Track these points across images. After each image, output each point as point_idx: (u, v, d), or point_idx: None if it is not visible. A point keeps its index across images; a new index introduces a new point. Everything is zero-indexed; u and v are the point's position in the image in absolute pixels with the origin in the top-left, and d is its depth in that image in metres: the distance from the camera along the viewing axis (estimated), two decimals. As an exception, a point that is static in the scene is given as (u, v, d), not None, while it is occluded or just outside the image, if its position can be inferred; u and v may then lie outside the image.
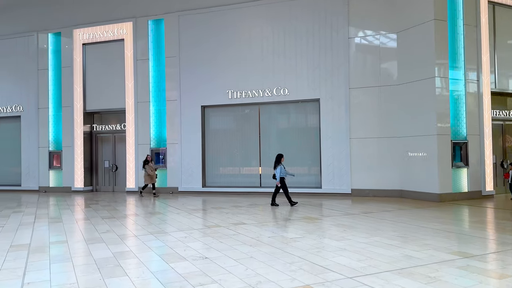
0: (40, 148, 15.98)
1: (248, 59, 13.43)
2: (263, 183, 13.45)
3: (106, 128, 15.83)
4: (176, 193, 14.14)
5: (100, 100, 15.48)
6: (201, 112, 14.05)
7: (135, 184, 14.75)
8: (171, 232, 7.09)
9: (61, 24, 15.77)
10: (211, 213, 9.29)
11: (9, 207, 11.04)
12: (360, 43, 12.51)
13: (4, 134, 16.82)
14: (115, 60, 15.14)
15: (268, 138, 13.52)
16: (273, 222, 7.88)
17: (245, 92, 13.42)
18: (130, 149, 14.88)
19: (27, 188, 16.03)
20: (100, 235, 6.88)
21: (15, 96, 16.36)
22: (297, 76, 12.86)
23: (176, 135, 14.29)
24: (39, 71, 15.98)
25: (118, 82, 15.07)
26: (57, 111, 15.85)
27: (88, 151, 15.82)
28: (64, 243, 6.34)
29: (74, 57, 15.50)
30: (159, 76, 14.58)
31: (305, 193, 12.65)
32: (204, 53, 13.96)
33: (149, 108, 14.65)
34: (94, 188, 15.94)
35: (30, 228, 7.72)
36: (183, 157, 14.14)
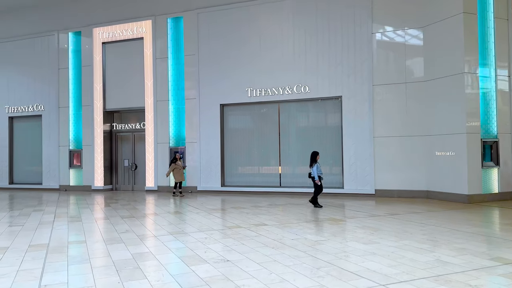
0: (61, 147, 16.10)
1: (268, 56, 13.18)
2: (283, 182, 13.18)
3: (126, 127, 15.83)
4: (195, 192, 14.00)
5: (120, 99, 15.49)
6: (220, 111, 13.87)
7: (154, 183, 14.69)
8: (191, 232, 6.91)
9: (81, 23, 15.84)
10: (231, 213, 9.08)
11: (29, 206, 11.08)
12: (384, 38, 12.10)
13: (25, 133, 17.03)
14: (134, 59, 15.12)
15: (288, 137, 13.23)
16: (296, 224, 7.60)
17: (264, 90, 13.17)
18: (150, 148, 14.83)
19: (48, 187, 16.18)
20: (119, 235, 6.75)
21: (36, 95, 16.53)
22: (318, 73, 12.53)
23: (195, 134, 14.16)
24: (60, 70, 16.11)
25: (138, 81, 15.04)
26: (78, 110, 15.94)
27: (108, 150, 15.86)
28: (82, 243, 6.22)
29: (94, 56, 15.55)
30: (178, 74, 14.48)
31: (326, 193, 12.27)
32: (223, 50, 13.78)
33: (168, 107, 14.56)
34: (114, 187, 15.97)
35: (50, 227, 7.66)
36: (202, 156, 14.00)
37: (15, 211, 10.01)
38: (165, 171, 14.47)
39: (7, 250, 5.72)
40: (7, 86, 17.02)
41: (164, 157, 14.55)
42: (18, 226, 7.72)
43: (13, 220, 8.52)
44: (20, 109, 16.77)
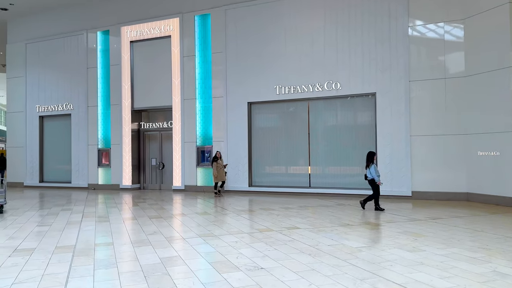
0: (90, 145, 16.20)
1: (297, 52, 12.74)
2: (313, 183, 12.71)
3: (153, 126, 15.75)
4: (222, 192, 13.73)
5: (147, 97, 15.42)
6: (248, 109, 13.54)
7: (181, 183, 14.53)
8: (221, 235, 6.59)
9: (109, 22, 15.88)
10: (261, 215, 8.72)
11: (58, 205, 11.09)
12: (421, 32, 11.43)
13: (55, 132, 17.24)
14: (162, 57, 15.02)
15: (318, 135, 12.75)
16: (330, 228, 7.16)
17: (293, 87, 12.74)
18: (177, 147, 14.68)
19: (77, 185, 16.32)
20: (147, 237, 6.51)
21: (65, 94, 16.71)
22: (350, 69, 12.00)
23: (222, 133, 13.89)
24: (89, 69, 16.21)
25: (165, 79, 14.92)
26: (106, 109, 15.99)
27: (136, 149, 15.83)
28: (110, 245, 6.01)
29: (122, 55, 15.55)
30: (205, 72, 14.25)
31: (359, 194, 11.77)
32: (251, 47, 13.44)
33: (195, 106, 14.36)
34: (141, 186, 15.94)
35: (77, 227, 7.53)
36: (229, 155, 13.71)
37: (44, 210, 10.01)
38: (192, 170, 14.30)
39: (33, 251, 5.56)
40: (38, 85, 17.29)
41: (191, 156, 14.36)
42: (46, 226, 7.63)
43: (42, 220, 8.46)
44: (50, 108, 16.99)
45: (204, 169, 14.22)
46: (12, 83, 18.01)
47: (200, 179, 14.32)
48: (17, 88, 17.75)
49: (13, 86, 17.95)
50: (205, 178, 14.22)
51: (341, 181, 12.36)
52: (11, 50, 17.98)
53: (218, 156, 12.67)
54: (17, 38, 17.79)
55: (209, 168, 14.10)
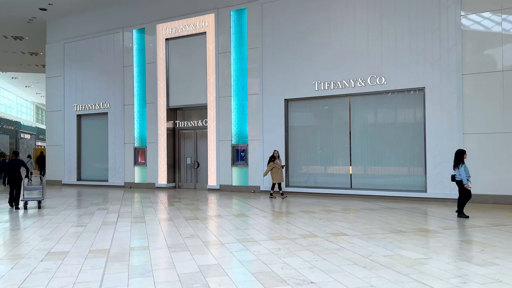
0: (126, 144, 16.19)
1: (338, 46, 12.07)
2: (354, 184, 12.00)
3: (188, 124, 15.52)
4: (258, 192, 13.28)
5: (183, 96, 15.20)
6: (285, 106, 13.00)
7: (216, 182, 14.20)
8: (261, 240, 6.11)
9: (145, 20, 15.79)
10: (301, 218, 8.17)
11: (95, 204, 11.00)
12: (476, 20, 10.48)
13: (92, 131, 17.39)
14: (197, 55, 14.75)
15: (360, 133, 12.02)
16: (381, 235, 6.52)
17: (333, 83, 12.08)
18: (212, 145, 14.36)
19: (113, 184, 16.36)
20: (184, 241, 6.13)
21: (102, 93, 16.79)
22: (396, 62, 11.20)
23: (258, 131, 13.43)
24: (125, 68, 16.20)
25: (200, 77, 14.64)
26: (142, 108, 15.92)
27: (171, 147, 15.67)
28: (145, 249, 5.66)
29: (157, 53, 15.41)
30: (241, 69, 13.83)
31: (405, 197, 11.00)
32: (288, 42, 12.89)
33: (231, 103, 13.98)
34: (176, 185, 15.76)
35: (112, 228, 7.27)
36: (265, 154, 13.21)
37: (80, 209, 9.91)
38: (227, 170, 13.94)
39: (66, 255, 5.29)
40: (75, 84, 17.49)
41: (226, 155, 13.99)
42: (81, 227, 7.43)
43: (77, 220, 8.30)
44: (88, 107, 17.14)
45: (240, 169, 13.82)
46: (51, 82, 18.34)
47: (236, 178, 13.93)
48: (56, 87, 18.05)
49: (52, 85, 18.28)
50: (240, 177, 13.82)
51: (385, 183, 11.58)
52: (50, 49, 18.31)
53: (276, 156, 11.85)
54: (56, 38, 18.09)
55: (244, 167, 13.69)
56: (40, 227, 7.41)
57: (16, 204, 10.11)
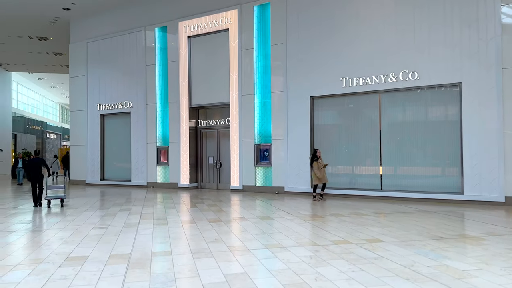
0: (148, 143, 16.06)
1: (367, 39, 11.52)
2: (385, 185, 11.43)
3: (210, 123, 15.25)
4: (282, 193, 12.87)
5: (205, 94, 14.94)
6: (310, 104, 12.53)
7: (239, 182, 13.86)
8: (290, 247, 5.70)
9: (167, 17, 15.62)
10: (331, 222, 7.72)
11: (117, 204, 10.83)
12: (517, 10, 9.76)
13: (115, 130, 17.35)
14: (219, 52, 14.45)
15: (391, 132, 11.43)
16: (420, 241, 6.00)
17: (362, 79, 11.54)
18: (235, 145, 14.03)
19: (136, 184, 16.26)
20: (208, 246, 5.79)
21: (125, 92, 16.72)
22: (430, 56, 10.57)
23: (282, 130, 13.01)
24: (147, 66, 16.07)
25: (222, 74, 14.34)
26: (164, 107, 15.75)
27: (193, 147, 15.44)
28: (168, 255, 5.34)
29: (179, 51, 15.19)
30: (264, 66, 13.44)
31: (439, 200, 10.36)
32: (314, 37, 12.42)
33: (254, 101, 13.61)
34: (199, 185, 15.51)
35: (134, 231, 7.01)
36: (290, 154, 12.81)
37: (102, 210, 9.74)
38: (250, 170, 13.58)
39: (86, 261, 5.03)
40: (98, 84, 17.50)
41: (249, 155, 13.64)
42: (102, 229, 7.20)
43: (99, 221, 8.09)
44: (110, 107, 17.11)
45: (263, 169, 13.44)
46: (74, 82, 18.42)
47: (259, 179, 13.56)
48: (79, 87, 18.11)
49: (75, 85, 18.35)
50: (264, 178, 13.44)
51: (418, 184, 10.96)
52: (73, 49, 18.39)
53: (318, 155, 11.07)
54: (79, 38, 18.15)
55: (268, 168, 13.31)
56: (61, 229, 7.23)
57: (39, 201, 10.23)
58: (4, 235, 6.69)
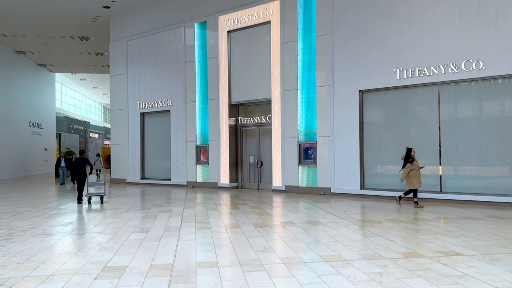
0: (188, 142, 15.71)
1: (423, 26, 10.48)
2: (445, 187, 10.35)
3: (251, 120, 14.64)
4: (328, 194, 12.06)
5: (245, 91, 14.35)
6: (359, 98, 11.63)
7: (281, 183, 13.17)
8: (353, 260, 4.94)
9: (206, 12, 15.17)
10: (391, 230, 6.86)
11: (157, 205, 10.45)
12: None
13: (155, 129, 17.14)
14: (260, 46, 13.81)
15: (452, 128, 10.32)
16: (507, 255, 5.07)
17: (419, 70, 10.51)
18: (276, 143, 13.35)
19: (176, 183, 15.96)
20: (258, 256, 5.14)
21: (165, 90, 16.46)
22: (497, 43, 9.40)
23: (327, 127, 12.19)
24: (187, 63, 15.70)
25: (263, 70, 13.69)
26: (204, 104, 15.33)
27: (233, 145, 14.91)
28: (214, 266, 4.74)
29: (219, 47, 14.70)
30: (309, 59, 12.65)
31: (510, 203, 9.19)
32: (363, 26, 11.50)
33: (297, 97, 12.87)
34: (239, 185, 14.96)
35: (176, 235, 6.49)
36: (336, 152, 11.97)
37: (143, 211, 9.36)
38: (293, 169, 12.86)
39: (124, 272, 4.52)
40: (138, 82, 17.36)
41: (292, 153, 12.91)
42: (143, 233, 6.74)
43: (139, 224, 7.67)
44: (150, 105, 16.92)
45: (307, 168, 12.68)
46: (115, 81, 18.41)
47: (303, 179, 12.81)
48: (119, 86, 18.07)
49: (116, 84, 18.34)
50: (308, 178, 12.67)
51: (484, 185, 9.82)
52: (114, 48, 18.38)
53: (413, 155, 9.62)
54: (119, 36, 18.10)
55: (312, 167, 12.53)
56: (100, 233, 6.84)
57: (79, 198, 10.77)
58: (41, 239, 6.37)
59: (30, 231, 6.95)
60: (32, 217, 8.49)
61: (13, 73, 23.37)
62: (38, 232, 6.90)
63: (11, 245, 5.85)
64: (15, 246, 5.81)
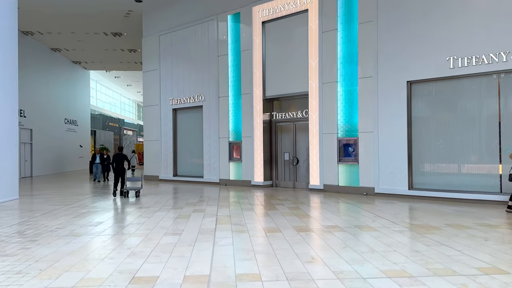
0: (221, 138, 15.19)
1: (481, 8, 9.39)
2: (506, 187, 9.25)
3: (286, 116, 13.92)
4: (372, 195, 11.18)
5: (280, 84, 13.63)
6: (407, 90, 10.66)
7: (319, 181, 12.39)
8: (421, 276, 4.14)
9: (239, 3, 14.57)
10: (456, 237, 5.97)
11: (190, 204, 9.94)
12: None
13: (188, 125, 16.74)
14: (297, 37, 13.05)
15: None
16: None
17: (476, 58, 9.44)
18: (314, 139, 12.57)
19: (209, 180, 15.49)
20: (306, 268, 4.44)
21: (197, 85, 16.01)
22: None
23: (371, 122, 11.29)
24: (219, 57, 15.16)
25: (300, 61, 12.93)
26: (237, 99, 14.74)
27: (268, 141, 14.24)
28: (256, 280, 4.08)
29: (253, 38, 14.05)
30: (350, 48, 11.77)
31: None
32: (412, 11, 10.52)
33: (337, 90, 12.03)
34: (273, 183, 14.29)
35: (211, 240, 5.89)
36: (381, 149, 11.06)
37: (175, 211, 8.85)
38: (332, 167, 12.05)
39: (154, 285, 3.93)
40: (170, 77, 17.01)
41: (331, 150, 12.10)
42: (175, 236, 6.18)
43: (171, 225, 7.13)
44: (183, 100, 16.52)
45: (348, 166, 11.83)
46: (147, 76, 18.16)
47: (343, 178, 11.97)
48: (152, 82, 17.80)
49: (148, 80, 18.08)
50: (349, 177, 11.83)
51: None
52: (146, 43, 18.12)
53: None
54: (151, 31, 17.82)
55: (353, 165, 11.67)
56: (130, 234, 6.35)
57: (119, 192, 11.64)
58: (68, 240, 5.93)
59: (57, 232, 6.56)
60: (61, 216, 8.16)
61: (49, 71, 23.69)
62: (65, 232, 6.50)
63: (36, 248, 5.44)
64: (40, 249, 5.39)
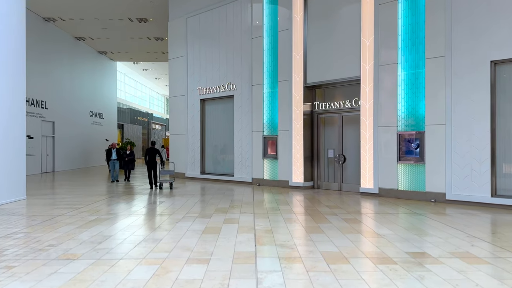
0: (254, 132, 13.37)
1: None
2: None
3: (331, 106, 11.92)
4: (441, 202, 9.08)
5: (324, 69, 11.66)
6: (491, 72, 8.46)
7: (373, 184, 10.36)
8: None
9: (278, -25, 12.65)
10: None
11: (220, 210, 8.17)
12: None
13: (217, 117, 15.02)
14: (347, 12, 11.02)
15: None
16: None
17: None
18: (366, 134, 10.53)
19: (240, 179, 13.72)
20: None
21: (228, 72, 14.25)
22: None
23: (441, 112, 9.15)
24: (253, 39, 13.31)
25: (350, 41, 10.90)
26: (273, 88, 12.86)
27: (309, 136, 12.30)
28: None
29: (293, 16, 12.11)
30: (414, 22, 9.65)
31: None
32: (500, -29, 8.28)
33: (397, 73, 9.94)
34: (315, 184, 12.35)
35: (252, 276, 4.05)
36: (454, 146, 8.92)
37: (203, 220, 7.10)
38: (390, 167, 9.98)
39: None
40: (198, 65, 15.33)
41: (389, 146, 10.04)
42: (200, 265, 4.37)
43: (196, 245, 5.35)
44: (212, 90, 14.81)
45: (409, 166, 9.75)
46: (173, 64, 16.56)
47: (403, 180, 9.90)
48: (178, 70, 16.19)
49: (175, 68, 16.48)
50: (410, 179, 9.74)
51: None
52: (173, 27, 16.51)
53: None
54: (178, 13, 16.19)
55: (418, 165, 9.57)
56: (140, 260, 4.62)
57: (154, 183, 12.40)
58: (54, 269, 4.27)
59: (47, 252, 4.93)
60: (63, 225, 6.59)
61: (74, 61, 22.60)
62: (57, 253, 4.86)
63: (6, 282, 3.80)
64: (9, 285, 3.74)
